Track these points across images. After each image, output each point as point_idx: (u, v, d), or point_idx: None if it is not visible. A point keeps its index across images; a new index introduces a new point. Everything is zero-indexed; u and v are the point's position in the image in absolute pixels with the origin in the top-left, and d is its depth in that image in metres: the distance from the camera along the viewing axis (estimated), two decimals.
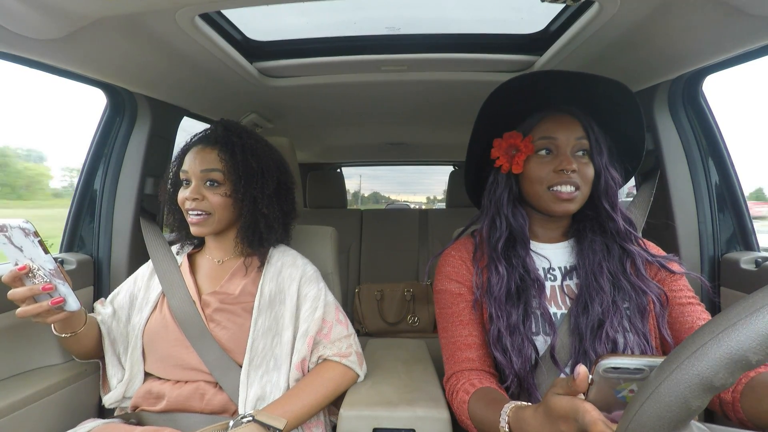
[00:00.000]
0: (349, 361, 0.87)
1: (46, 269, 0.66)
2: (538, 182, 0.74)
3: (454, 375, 0.76)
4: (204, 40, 0.85)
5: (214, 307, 0.86)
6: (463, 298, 0.79)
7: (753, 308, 0.31)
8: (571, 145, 0.73)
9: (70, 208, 1.13)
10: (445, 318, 0.81)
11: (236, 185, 0.85)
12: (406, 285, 1.95)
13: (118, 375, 0.88)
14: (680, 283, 0.74)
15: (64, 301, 0.69)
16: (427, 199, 8.94)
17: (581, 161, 0.73)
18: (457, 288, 0.80)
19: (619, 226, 0.75)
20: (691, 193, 1.09)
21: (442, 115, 1.66)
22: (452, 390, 0.74)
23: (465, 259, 0.82)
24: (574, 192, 0.72)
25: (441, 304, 0.82)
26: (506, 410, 0.57)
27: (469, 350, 0.76)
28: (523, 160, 0.74)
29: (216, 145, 0.86)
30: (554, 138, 0.73)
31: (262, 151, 0.90)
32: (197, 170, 0.85)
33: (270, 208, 0.88)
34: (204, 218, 0.85)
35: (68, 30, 0.71)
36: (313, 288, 0.90)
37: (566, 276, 0.77)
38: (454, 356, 0.77)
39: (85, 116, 1.22)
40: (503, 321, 0.71)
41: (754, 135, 19.11)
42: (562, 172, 0.71)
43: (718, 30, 0.74)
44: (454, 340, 0.78)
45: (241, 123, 1.53)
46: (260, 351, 0.82)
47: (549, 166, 0.73)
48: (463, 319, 0.78)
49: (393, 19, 1.05)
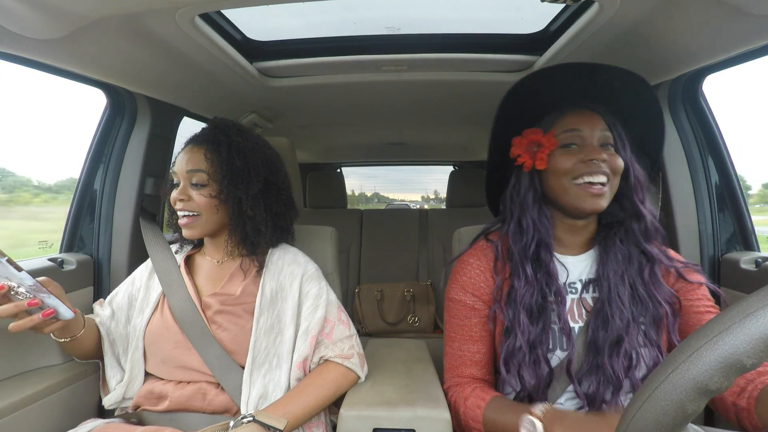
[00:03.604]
0: (350, 363, 0.87)
1: (26, 285, 0.67)
2: (564, 174, 0.70)
3: (459, 385, 0.76)
4: (204, 40, 0.85)
5: (215, 309, 0.86)
6: (477, 313, 0.77)
7: (747, 312, 0.31)
8: (597, 137, 0.70)
9: (70, 208, 1.13)
10: (455, 329, 0.79)
11: (221, 185, 0.84)
12: (406, 285, 1.96)
13: (117, 376, 0.88)
14: (699, 292, 0.72)
15: (56, 312, 0.70)
16: (422, 198, 8.94)
17: (608, 152, 0.69)
18: (472, 301, 0.77)
19: (647, 224, 0.71)
20: (691, 193, 1.09)
21: (442, 115, 1.66)
22: (461, 396, 0.73)
23: (484, 269, 0.78)
24: (604, 186, 0.68)
25: (452, 313, 0.80)
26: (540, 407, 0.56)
27: (475, 367, 0.76)
28: (546, 154, 0.71)
29: (203, 144, 0.85)
30: (579, 130, 0.70)
31: (250, 150, 0.87)
32: (183, 171, 0.84)
33: (255, 210, 0.86)
34: (192, 219, 0.84)
35: (68, 30, 0.71)
36: (314, 286, 0.90)
37: (585, 288, 0.74)
38: (458, 369, 0.77)
39: (84, 116, 1.22)
40: (525, 336, 0.69)
41: (756, 134, 19.01)
42: (592, 162, 0.67)
43: (718, 30, 0.74)
44: (461, 354, 0.77)
45: (241, 123, 1.52)
46: (263, 350, 0.82)
47: (575, 157, 0.69)
48: (473, 335, 0.77)
49: (393, 19, 1.05)
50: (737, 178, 1.08)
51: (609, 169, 0.69)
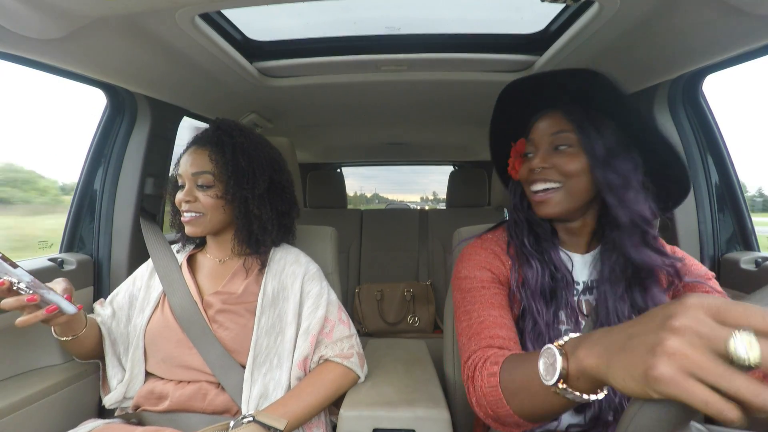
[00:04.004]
0: (350, 363, 0.87)
1: (24, 281, 0.68)
2: (524, 183, 0.73)
3: (480, 349, 0.62)
4: (204, 40, 0.85)
5: (216, 308, 0.86)
6: (495, 285, 0.71)
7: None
8: (548, 141, 0.69)
9: (70, 208, 1.13)
10: (472, 301, 0.69)
11: (227, 186, 0.84)
12: (406, 285, 1.95)
13: (118, 376, 0.88)
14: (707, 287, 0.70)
15: (59, 307, 0.71)
16: (421, 199, 8.93)
17: (561, 155, 0.67)
18: (491, 278, 0.72)
19: (625, 222, 0.64)
20: (691, 193, 1.09)
21: (442, 115, 1.66)
22: (478, 362, 0.61)
23: (498, 252, 0.75)
24: (549, 192, 0.68)
25: (468, 287, 0.71)
26: (562, 340, 0.45)
27: (500, 329, 0.64)
28: (520, 165, 0.73)
29: (207, 146, 0.86)
30: (531, 138, 0.71)
31: (254, 150, 0.88)
32: (189, 173, 0.85)
33: (262, 209, 0.87)
34: (196, 217, 0.85)
35: (68, 30, 0.71)
36: (315, 285, 0.90)
37: (585, 291, 0.74)
38: (479, 334, 0.64)
39: (83, 116, 1.21)
40: (542, 316, 0.68)
41: (756, 135, 18.90)
42: (532, 171, 0.69)
43: (718, 30, 0.74)
44: (482, 320, 0.66)
45: (241, 123, 1.52)
46: (264, 349, 0.82)
47: (526, 166, 0.71)
48: (494, 302, 0.68)
49: (393, 19, 1.05)
50: (737, 178, 1.08)
51: (559, 173, 0.67)
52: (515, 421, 0.53)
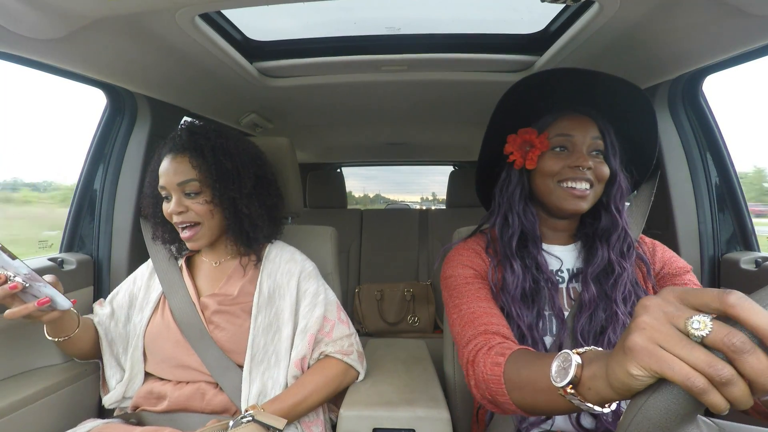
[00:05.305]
0: (350, 359, 0.87)
1: (21, 273, 0.68)
2: (551, 177, 0.73)
3: (480, 335, 0.64)
4: (204, 40, 0.85)
5: (212, 309, 0.86)
6: (480, 281, 0.75)
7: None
8: (587, 144, 0.72)
9: (70, 208, 1.13)
10: (459, 296, 0.72)
11: (214, 190, 0.83)
12: (406, 285, 1.95)
13: (117, 375, 0.88)
14: (685, 278, 0.74)
15: (52, 301, 0.70)
16: (421, 200, 8.93)
17: (596, 160, 0.72)
18: (473, 274, 0.76)
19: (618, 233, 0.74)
20: (691, 193, 1.09)
21: (442, 115, 1.66)
22: (480, 347, 0.61)
23: (479, 251, 0.80)
24: (587, 190, 0.71)
25: (453, 284, 0.75)
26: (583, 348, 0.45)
27: (492, 317, 0.67)
28: (537, 155, 0.73)
29: (185, 152, 0.83)
30: (570, 135, 0.72)
31: (235, 149, 0.87)
32: (173, 183, 0.82)
33: (251, 207, 0.86)
34: (196, 231, 0.84)
35: (68, 30, 0.71)
36: (312, 284, 0.90)
37: (573, 279, 0.77)
38: (473, 321, 0.66)
39: (83, 116, 1.21)
40: (523, 320, 0.70)
41: (756, 134, 18.90)
42: (577, 168, 0.70)
43: (718, 30, 0.74)
44: (472, 310, 0.68)
45: (241, 123, 1.52)
46: (261, 348, 0.82)
47: (563, 161, 0.72)
48: (480, 296, 0.72)
49: (393, 19, 1.05)
50: (737, 178, 1.08)
51: (594, 176, 0.71)
52: (512, 410, 0.55)
